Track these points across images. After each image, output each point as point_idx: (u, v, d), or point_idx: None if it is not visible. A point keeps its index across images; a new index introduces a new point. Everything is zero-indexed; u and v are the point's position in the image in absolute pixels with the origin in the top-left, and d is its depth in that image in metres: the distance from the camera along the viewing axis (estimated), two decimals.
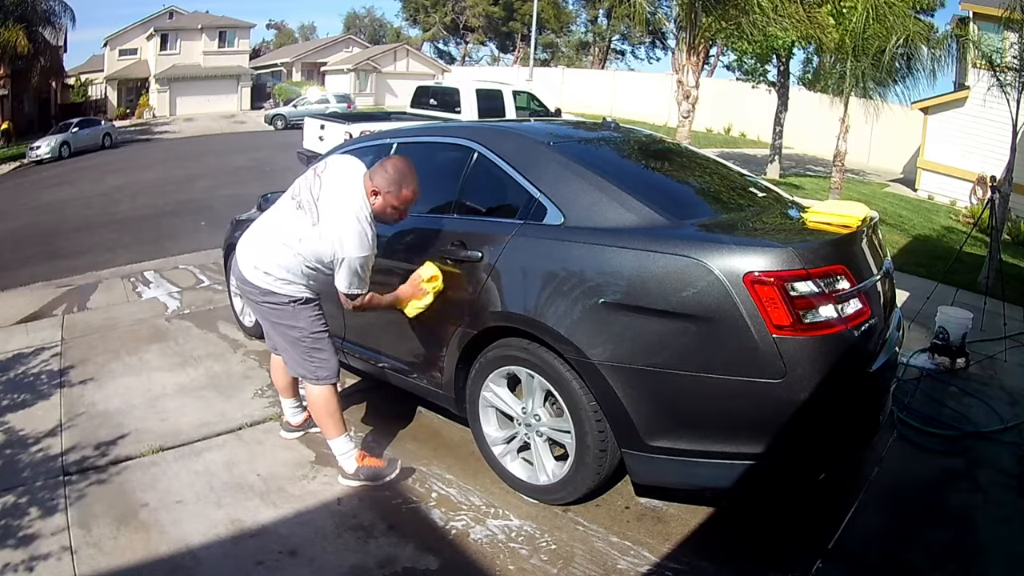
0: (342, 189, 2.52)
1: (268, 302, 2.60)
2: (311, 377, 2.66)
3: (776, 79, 16.00)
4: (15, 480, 2.77)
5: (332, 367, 2.68)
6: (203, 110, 32.83)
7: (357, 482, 2.69)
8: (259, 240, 2.65)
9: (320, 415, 2.69)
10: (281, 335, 2.67)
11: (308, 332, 2.62)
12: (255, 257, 2.61)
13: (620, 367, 2.22)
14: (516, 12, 42.88)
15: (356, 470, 2.69)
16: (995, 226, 6.19)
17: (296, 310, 2.59)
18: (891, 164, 19.52)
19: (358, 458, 2.71)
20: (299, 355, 2.65)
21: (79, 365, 3.99)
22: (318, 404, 2.68)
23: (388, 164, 2.55)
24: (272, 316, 2.64)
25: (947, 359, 4.28)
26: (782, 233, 2.45)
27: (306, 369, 2.66)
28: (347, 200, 2.49)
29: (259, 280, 2.58)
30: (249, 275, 2.61)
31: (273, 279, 2.56)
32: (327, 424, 2.69)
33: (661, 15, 11.00)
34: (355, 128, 9.36)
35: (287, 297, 2.57)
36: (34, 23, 23.52)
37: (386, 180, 2.50)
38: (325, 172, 2.59)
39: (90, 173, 16.29)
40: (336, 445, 2.70)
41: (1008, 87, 6.73)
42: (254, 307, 2.71)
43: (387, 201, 2.53)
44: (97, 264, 7.13)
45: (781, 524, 2.55)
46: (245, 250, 2.67)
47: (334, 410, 2.69)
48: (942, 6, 17.64)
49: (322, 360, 2.65)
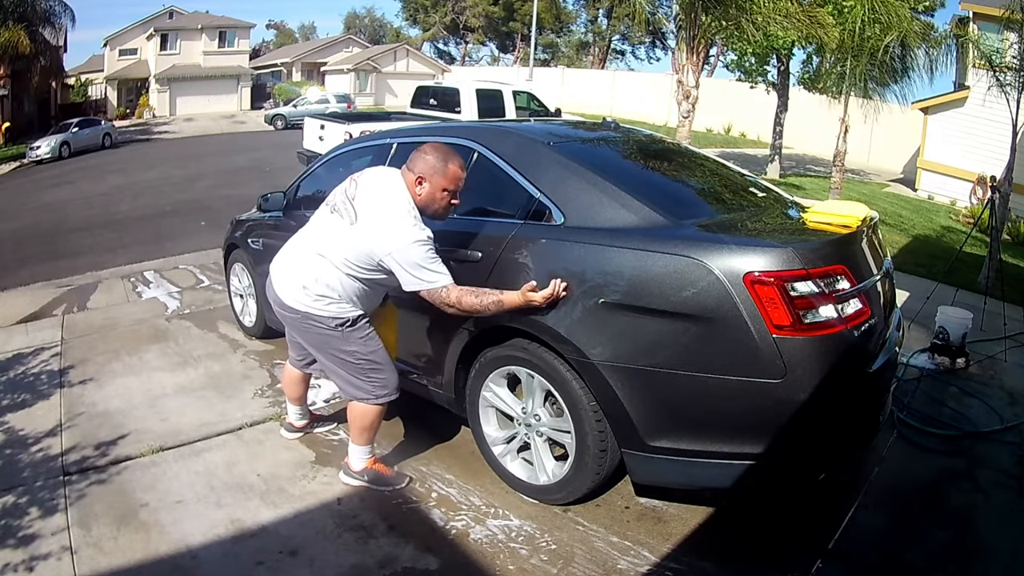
0: (381, 184, 2.36)
1: (313, 327, 2.42)
2: (370, 398, 2.52)
3: (776, 79, 15.99)
4: (15, 480, 2.77)
5: (392, 384, 2.54)
6: (203, 110, 32.82)
7: (359, 482, 2.69)
8: (292, 256, 2.47)
9: (359, 427, 2.59)
10: (331, 360, 2.49)
11: (363, 354, 2.45)
12: (289, 275, 2.43)
13: (620, 367, 2.22)
14: (516, 12, 42.86)
15: (363, 470, 2.67)
16: (995, 226, 6.19)
17: (345, 333, 2.41)
18: (891, 164, 19.51)
19: (369, 461, 2.69)
20: (355, 378, 2.49)
21: (79, 365, 3.99)
22: (364, 419, 2.56)
23: (424, 149, 2.37)
24: (318, 342, 2.47)
25: (947, 359, 4.28)
26: (782, 233, 2.45)
27: (364, 391, 2.51)
28: (387, 193, 2.32)
29: (297, 302, 2.40)
30: (286, 297, 2.42)
31: (312, 298, 2.37)
32: (360, 435, 2.61)
33: (661, 15, 11.00)
34: (355, 128, 9.36)
35: (333, 320, 2.38)
36: (34, 23, 23.50)
37: (427, 163, 2.31)
38: (361, 177, 2.45)
39: (90, 173, 16.28)
40: (357, 451, 2.66)
41: (1008, 87, 6.72)
42: (300, 333, 2.52)
43: (436, 184, 2.31)
44: (97, 264, 7.13)
45: (781, 524, 2.55)
46: (278, 270, 2.49)
47: (374, 426, 2.60)
48: (942, 6, 17.61)
49: (381, 380, 2.51)
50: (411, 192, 2.34)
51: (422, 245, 2.25)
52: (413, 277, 2.26)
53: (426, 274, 2.26)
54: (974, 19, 12.82)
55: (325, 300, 2.39)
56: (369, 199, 2.34)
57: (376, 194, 2.35)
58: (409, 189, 2.35)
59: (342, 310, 2.41)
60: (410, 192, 2.34)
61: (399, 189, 2.35)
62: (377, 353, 2.50)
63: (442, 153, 2.35)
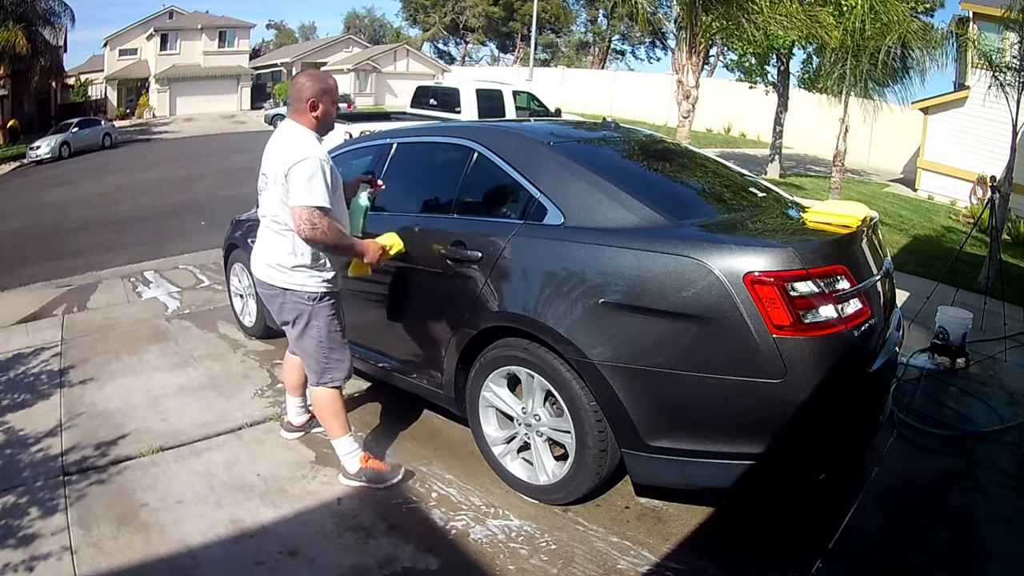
0: (277, 136, 2.54)
1: (288, 301, 2.59)
2: (324, 379, 2.66)
3: (776, 79, 15.99)
4: (15, 480, 2.77)
5: (345, 368, 2.69)
6: (203, 110, 32.82)
7: (358, 483, 2.70)
8: (262, 238, 2.67)
9: (325, 415, 2.71)
10: (299, 334, 2.65)
11: (326, 331, 2.61)
12: (264, 255, 2.63)
13: (620, 367, 2.22)
14: (516, 12, 42.86)
15: (359, 471, 2.69)
16: (995, 226, 6.19)
17: (315, 308, 2.59)
18: (891, 164, 19.51)
19: (362, 459, 2.71)
20: (314, 354, 2.64)
21: (79, 365, 3.99)
22: (324, 405, 2.69)
23: (292, 89, 2.57)
24: (290, 315, 2.62)
25: (947, 359, 4.28)
26: (782, 233, 2.45)
27: (318, 371, 2.66)
28: (285, 136, 2.51)
29: (274, 278, 2.58)
30: (265, 275, 2.62)
31: (287, 273, 2.55)
32: (332, 424, 2.70)
33: (661, 15, 11.00)
34: (355, 128, 9.34)
35: (306, 294, 2.56)
36: (34, 23, 23.52)
37: (311, 88, 2.49)
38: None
39: (90, 173, 16.29)
40: (340, 445, 2.71)
41: (1008, 87, 6.72)
42: (276, 310, 2.67)
43: (327, 101, 2.53)
44: (97, 264, 7.14)
45: (781, 524, 2.55)
46: (256, 253, 2.70)
47: (339, 411, 2.70)
48: (942, 6, 17.62)
49: (336, 362, 2.66)
50: (309, 116, 2.51)
51: (315, 167, 2.39)
52: (298, 191, 2.37)
53: (309, 195, 2.37)
54: (974, 19, 12.80)
55: (299, 271, 2.55)
56: (273, 150, 2.51)
57: (276, 143, 2.52)
58: (305, 115, 2.50)
59: (316, 284, 2.57)
60: (308, 115, 2.51)
61: (292, 128, 2.51)
62: (338, 334, 2.66)
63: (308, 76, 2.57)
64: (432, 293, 2.85)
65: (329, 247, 2.48)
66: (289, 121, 2.54)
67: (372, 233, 2.79)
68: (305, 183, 2.37)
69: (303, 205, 2.36)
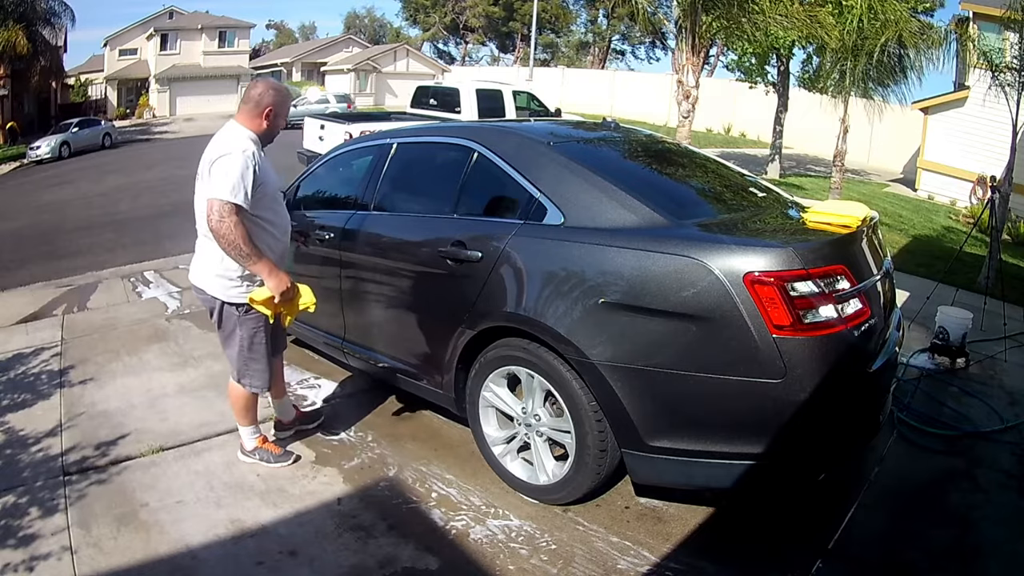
0: (216, 135, 2.52)
1: (217, 307, 2.62)
2: (242, 380, 2.73)
3: (776, 79, 15.99)
4: (15, 480, 2.77)
5: (263, 380, 2.73)
6: (203, 110, 32.79)
7: (252, 459, 2.86)
8: (198, 244, 2.66)
9: (236, 407, 2.83)
10: (225, 337, 2.71)
11: (248, 342, 2.65)
12: (197, 260, 2.65)
13: (620, 367, 2.22)
14: (516, 12, 42.86)
15: (254, 449, 2.86)
16: (995, 226, 6.19)
17: (241, 319, 2.62)
18: (891, 164, 19.51)
19: (259, 441, 2.88)
20: (235, 359, 2.70)
21: (79, 365, 3.99)
22: (237, 399, 2.80)
23: (250, 92, 2.55)
24: (218, 319, 2.67)
25: (947, 359, 4.28)
26: (782, 233, 2.45)
27: (239, 372, 2.72)
28: (222, 134, 2.50)
29: (206, 285, 2.60)
30: (196, 281, 2.65)
31: (215, 278, 2.56)
32: (240, 415, 2.84)
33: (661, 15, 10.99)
34: (355, 128, 9.35)
35: (234, 304, 2.60)
36: (34, 23, 23.52)
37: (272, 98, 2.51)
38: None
39: (90, 173, 16.28)
40: (243, 431, 2.88)
41: (1008, 87, 6.73)
42: (209, 315, 2.71)
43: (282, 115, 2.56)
44: (97, 264, 7.13)
45: (781, 524, 2.56)
46: (193, 259, 2.70)
47: (251, 408, 2.84)
48: (942, 6, 17.61)
49: (256, 371, 2.70)
50: (258, 125, 2.52)
51: (236, 158, 2.36)
52: (217, 183, 2.35)
53: (222, 188, 2.33)
54: (974, 19, 12.79)
55: (227, 279, 2.56)
56: (205, 151, 2.48)
57: (213, 145, 2.48)
58: (253, 124, 2.51)
59: (238, 294, 2.58)
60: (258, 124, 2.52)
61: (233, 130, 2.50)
62: (261, 347, 2.68)
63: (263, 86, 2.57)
64: (432, 293, 2.85)
65: (231, 247, 2.36)
66: (234, 122, 2.54)
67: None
68: (224, 176, 2.34)
69: (217, 198, 2.33)
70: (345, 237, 3.26)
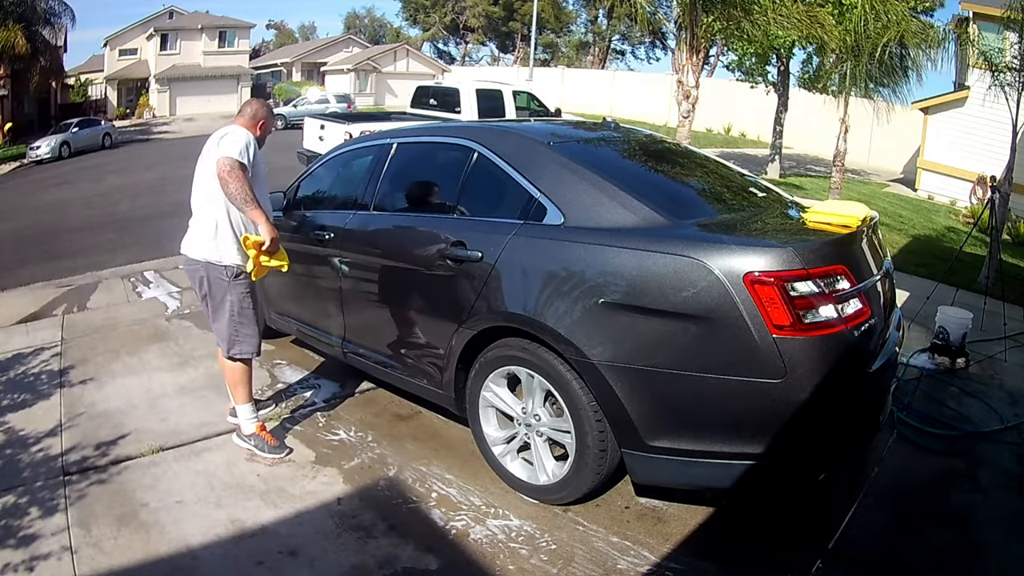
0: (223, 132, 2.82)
1: (208, 275, 2.82)
2: (233, 350, 2.87)
3: (776, 79, 15.98)
4: (15, 480, 2.77)
5: (253, 346, 2.91)
6: (203, 110, 32.78)
7: (247, 445, 2.94)
8: (191, 223, 2.88)
9: (233, 383, 2.96)
10: (215, 307, 2.87)
11: (238, 307, 2.84)
12: (189, 232, 2.87)
13: (620, 367, 2.22)
14: (516, 12, 42.85)
15: (251, 435, 2.95)
16: (995, 226, 6.19)
17: (231, 284, 2.82)
18: (891, 164, 19.49)
19: (257, 428, 2.97)
20: (225, 327, 2.85)
21: (79, 365, 3.99)
22: (233, 374, 2.93)
23: (245, 108, 2.97)
24: (207, 289, 2.84)
25: (947, 359, 4.28)
26: (782, 233, 2.45)
27: (229, 342, 2.87)
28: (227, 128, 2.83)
29: (194, 251, 2.82)
30: (187, 250, 2.86)
31: (209, 244, 2.77)
32: (237, 391, 2.95)
33: (661, 15, 10.99)
34: (355, 128, 9.35)
35: (226, 269, 2.79)
36: (34, 23, 23.50)
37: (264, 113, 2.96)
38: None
39: (90, 173, 16.28)
40: (242, 410, 2.96)
41: (1008, 87, 6.73)
42: (197, 285, 2.90)
43: (268, 126, 2.99)
44: (97, 264, 7.13)
45: (781, 524, 2.56)
46: (185, 236, 2.90)
47: (246, 381, 2.96)
48: (942, 6, 17.58)
49: (245, 336, 2.88)
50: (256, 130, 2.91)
51: (243, 134, 2.78)
52: (227, 146, 2.70)
53: (232, 150, 2.69)
54: (974, 19, 12.78)
55: (219, 243, 2.78)
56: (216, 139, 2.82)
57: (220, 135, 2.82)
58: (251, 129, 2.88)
59: (232, 256, 2.80)
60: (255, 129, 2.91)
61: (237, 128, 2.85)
62: (250, 311, 2.89)
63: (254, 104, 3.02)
64: (432, 293, 2.85)
65: (237, 192, 2.65)
66: (235, 125, 2.89)
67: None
68: (233, 143, 2.71)
69: (226, 156, 2.67)
70: (345, 237, 3.26)
